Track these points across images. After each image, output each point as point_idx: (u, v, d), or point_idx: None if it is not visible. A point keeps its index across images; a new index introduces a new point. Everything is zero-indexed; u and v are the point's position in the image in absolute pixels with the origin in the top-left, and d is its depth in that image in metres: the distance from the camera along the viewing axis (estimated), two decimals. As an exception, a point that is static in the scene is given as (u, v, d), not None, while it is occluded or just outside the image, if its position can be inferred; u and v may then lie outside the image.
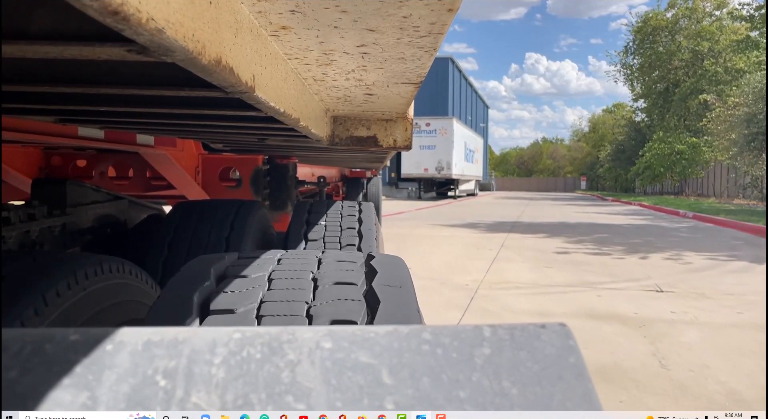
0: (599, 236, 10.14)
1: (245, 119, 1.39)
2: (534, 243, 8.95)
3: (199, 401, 0.43)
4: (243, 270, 1.10)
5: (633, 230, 11.63)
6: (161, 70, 0.91)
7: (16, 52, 0.66)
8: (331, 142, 1.96)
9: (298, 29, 0.88)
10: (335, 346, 0.48)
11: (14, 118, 1.59)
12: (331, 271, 1.11)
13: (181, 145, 3.30)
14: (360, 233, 2.61)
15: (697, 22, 34.13)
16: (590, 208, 21.42)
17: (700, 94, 29.94)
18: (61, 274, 1.15)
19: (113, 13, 0.43)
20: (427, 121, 27.69)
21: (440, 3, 0.75)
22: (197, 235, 2.28)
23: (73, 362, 0.45)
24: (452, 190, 29.73)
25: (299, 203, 2.91)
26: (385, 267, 1.13)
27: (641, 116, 41.31)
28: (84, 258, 1.27)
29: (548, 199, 34.55)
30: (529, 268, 6.37)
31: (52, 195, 2.31)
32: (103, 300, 1.28)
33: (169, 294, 1.00)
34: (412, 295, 1.02)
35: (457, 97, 48.18)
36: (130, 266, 1.43)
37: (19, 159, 2.92)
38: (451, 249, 7.89)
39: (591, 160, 66.06)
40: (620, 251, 8.03)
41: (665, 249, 8.34)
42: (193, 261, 1.15)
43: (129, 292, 1.40)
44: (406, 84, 1.35)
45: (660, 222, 13.81)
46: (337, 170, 8.74)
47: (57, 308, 1.11)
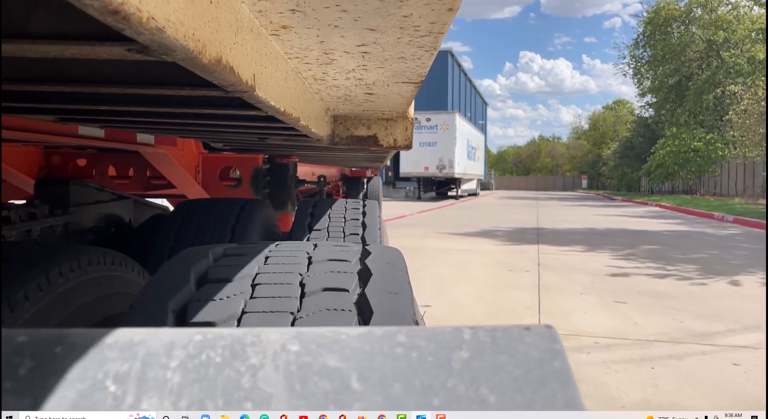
0: (649, 248, 8.34)
1: (245, 118, 1.39)
2: (575, 259, 7.13)
3: (150, 407, 0.41)
4: (226, 271, 1.02)
5: (680, 239, 9.82)
6: (162, 70, 0.91)
7: (16, 51, 0.66)
8: (332, 141, 1.96)
9: (298, 28, 0.88)
10: (302, 349, 0.45)
11: (14, 117, 1.59)
12: (321, 274, 1.02)
13: (182, 144, 3.30)
14: (364, 224, 2.59)
15: (711, 11, 32.18)
16: (606, 210, 19.53)
17: (717, 87, 28.40)
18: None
19: (113, 12, 0.43)
20: (427, 116, 25.80)
21: (440, 2, 0.75)
22: (200, 234, 2.26)
23: (17, 365, 0.42)
24: (453, 189, 28.06)
25: (302, 201, 2.89)
26: (381, 267, 1.06)
27: (650, 112, 39.74)
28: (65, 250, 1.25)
29: (553, 198, 32.67)
30: (597, 306, 4.57)
31: (55, 194, 2.31)
32: (85, 295, 1.26)
33: (144, 301, 0.93)
34: (409, 302, 0.95)
35: (456, 93, 46.19)
36: (114, 256, 1.41)
37: (20, 158, 2.92)
38: (477, 273, 6.09)
39: (592, 158, 65.52)
40: (694, 272, 6.22)
41: (745, 268, 6.54)
42: (174, 259, 1.07)
43: (114, 284, 1.38)
44: (407, 83, 1.35)
45: (702, 228, 12.07)
46: (337, 169, 8.74)
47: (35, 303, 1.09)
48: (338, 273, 1.02)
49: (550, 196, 39.67)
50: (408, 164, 25.50)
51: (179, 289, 0.93)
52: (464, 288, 5.23)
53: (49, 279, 1.12)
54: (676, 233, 11.14)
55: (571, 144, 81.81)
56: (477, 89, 60.13)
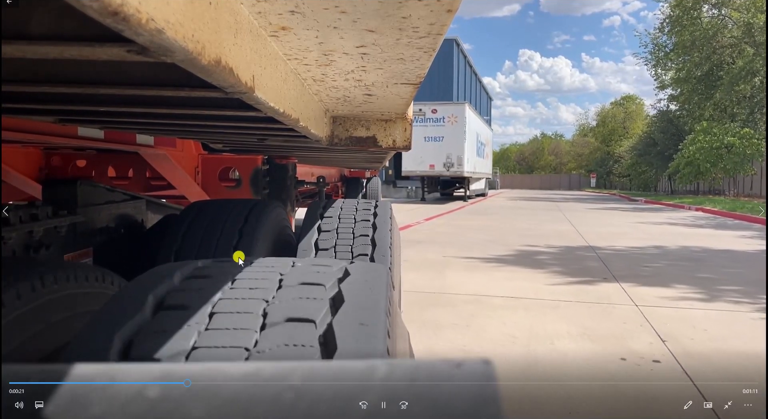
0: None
1: (245, 119, 1.39)
2: (693, 318, 4.05)
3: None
4: (186, 296, 0.93)
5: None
6: (161, 71, 0.91)
7: (16, 52, 0.66)
8: (331, 142, 1.96)
9: (297, 30, 0.88)
10: (162, 395, 0.37)
11: (14, 118, 1.60)
12: (287, 302, 0.91)
13: (181, 145, 3.30)
14: (374, 226, 2.51)
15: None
16: (644, 216, 16.31)
17: (755, 76, 25.19)
18: None
19: (113, 13, 0.44)
20: (433, 107, 22.47)
21: (439, 3, 0.75)
22: (208, 236, 2.18)
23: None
24: (459, 189, 24.95)
25: (313, 203, 2.83)
26: (357, 292, 0.95)
27: (674, 105, 36.03)
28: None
29: (568, 199, 29.39)
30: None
31: (62, 195, 2.29)
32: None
33: (91, 329, 0.85)
34: (382, 335, 0.84)
35: (461, 84, 42.48)
36: (88, 270, 1.31)
37: (19, 159, 2.92)
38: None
39: (601, 155, 63.38)
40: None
41: None
42: (136, 280, 0.99)
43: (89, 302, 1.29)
44: (405, 84, 1.36)
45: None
46: (337, 170, 8.76)
47: None
48: (307, 299, 0.92)
49: (563, 196, 36.57)
50: (411, 162, 22.40)
51: (131, 317, 0.85)
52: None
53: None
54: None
55: (576, 141, 79.73)
56: (482, 82, 56.52)
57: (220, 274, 1.01)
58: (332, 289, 0.96)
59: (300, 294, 0.93)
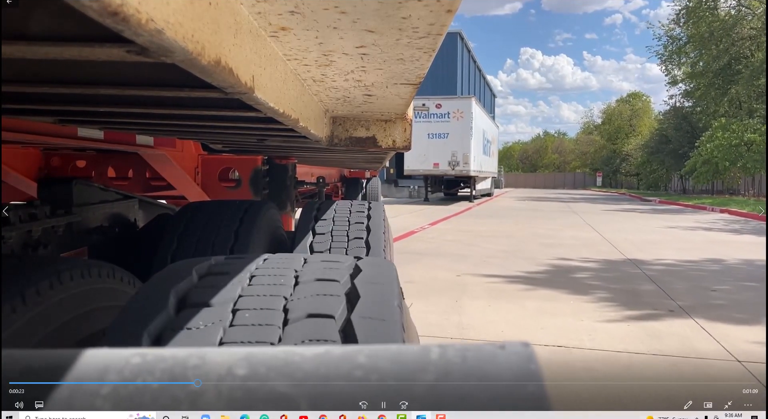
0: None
1: (245, 120, 1.39)
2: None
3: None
4: (207, 293, 0.94)
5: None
6: (161, 71, 0.91)
7: (16, 52, 0.66)
8: (331, 142, 1.96)
9: (297, 30, 0.88)
10: (250, 373, 0.41)
11: (14, 118, 1.60)
12: (307, 298, 0.95)
13: (181, 146, 3.30)
14: (368, 228, 2.54)
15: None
16: (668, 219, 15.03)
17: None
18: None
19: (113, 13, 0.44)
20: (437, 102, 21.38)
21: (439, 4, 0.75)
22: (203, 237, 2.19)
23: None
24: (464, 189, 24.08)
25: (308, 204, 2.85)
26: (370, 287, 0.98)
27: (688, 101, 34.74)
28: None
29: (578, 199, 28.14)
30: None
31: (58, 194, 2.29)
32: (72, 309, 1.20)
33: (120, 327, 0.87)
34: (398, 329, 0.88)
35: (465, 79, 41.28)
36: (100, 267, 1.34)
37: (19, 159, 2.92)
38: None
39: (606, 154, 62.34)
40: None
41: None
42: (155, 278, 1.01)
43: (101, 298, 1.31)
44: (405, 85, 1.36)
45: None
46: (336, 170, 8.76)
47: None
48: (325, 296, 0.95)
49: (570, 195, 35.21)
50: (414, 160, 21.10)
51: (156, 315, 0.87)
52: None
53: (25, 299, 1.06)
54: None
55: (581, 139, 78.88)
56: (486, 78, 54.96)
57: (236, 271, 1.04)
58: (346, 285, 0.99)
59: (317, 290, 0.96)
